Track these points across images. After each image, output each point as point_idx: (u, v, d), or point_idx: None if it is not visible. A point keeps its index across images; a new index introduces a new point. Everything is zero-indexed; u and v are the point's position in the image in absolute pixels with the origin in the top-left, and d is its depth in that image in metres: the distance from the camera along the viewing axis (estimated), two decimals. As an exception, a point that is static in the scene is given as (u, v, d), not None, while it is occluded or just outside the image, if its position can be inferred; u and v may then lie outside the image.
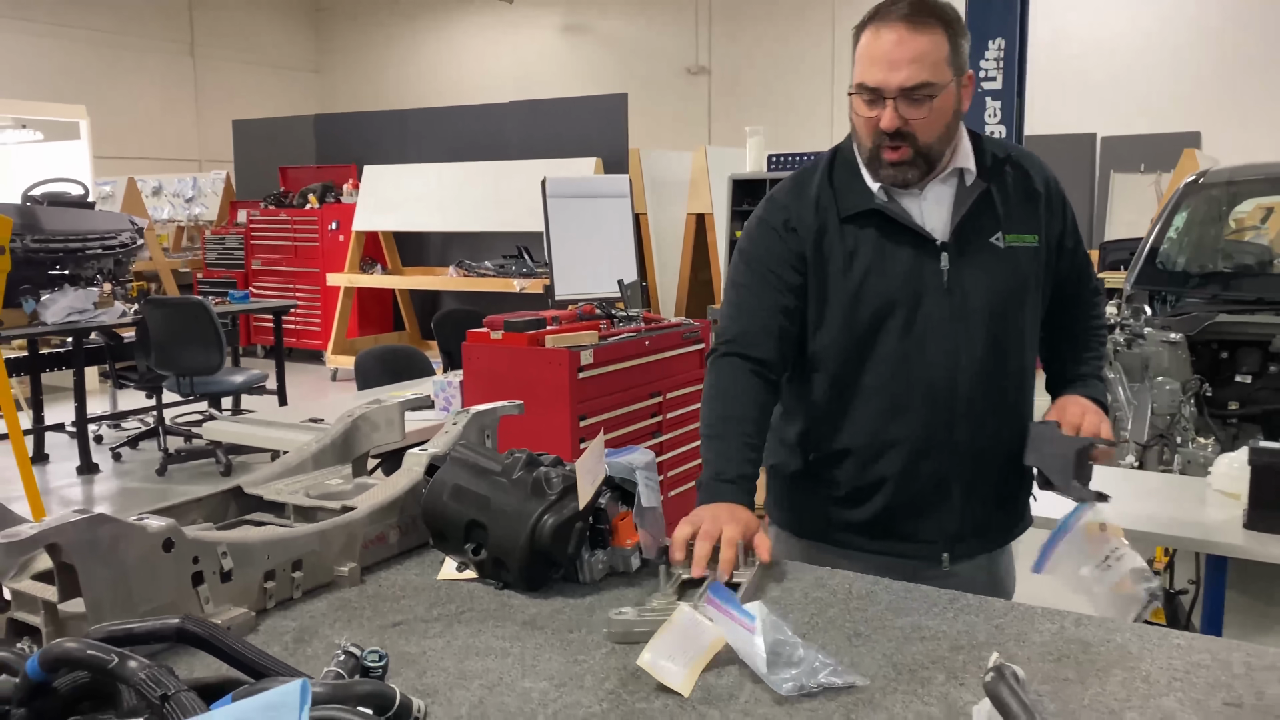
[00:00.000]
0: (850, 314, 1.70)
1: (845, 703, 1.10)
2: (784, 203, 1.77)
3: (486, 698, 1.11)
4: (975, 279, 1.67)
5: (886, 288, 1.67)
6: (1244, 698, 1.10)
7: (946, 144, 1.66)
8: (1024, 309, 1.72)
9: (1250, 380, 3.88)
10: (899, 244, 1.68)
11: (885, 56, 1.58)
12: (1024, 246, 1.70)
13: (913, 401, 1.69)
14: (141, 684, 0.80)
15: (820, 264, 1.71)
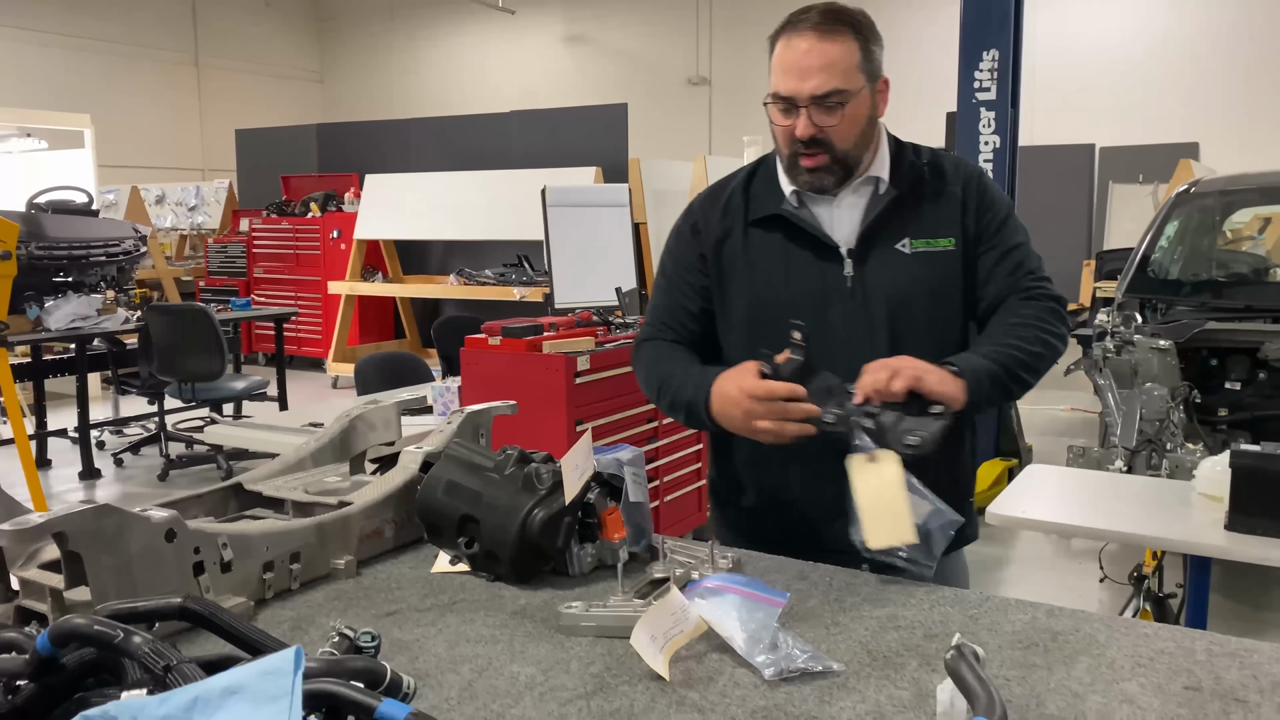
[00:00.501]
0: (754, 318, 1.71)
1: (821, 686, 1.14)
2: (696, 207, 1.81)
3: (475, 681, 1.16)
4: (879, 285, 1.66)
5: (789, 294, 1.68)
6: (1203, 682, 1.15)
7: (863, 149, 1.68)
8: (936, 313, 1.68)
9: (1239, 387, 3.92)
10: (803, 250, 1.69)
11: (796, 65, 1.60)
12: (936, 250, 1.68)
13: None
14: (145, 656, 0.84)
15: (721, 268, 1.74)
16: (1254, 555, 2.26)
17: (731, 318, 1.75)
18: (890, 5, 14.13)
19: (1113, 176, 11.90)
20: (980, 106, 5.45)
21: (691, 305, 1.78)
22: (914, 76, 13.50)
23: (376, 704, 0.83)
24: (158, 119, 16.04)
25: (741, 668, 1.18)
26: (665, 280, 1.82)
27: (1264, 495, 2.29)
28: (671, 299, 1.80)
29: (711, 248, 1.75)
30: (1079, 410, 7.63)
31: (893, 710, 1.09)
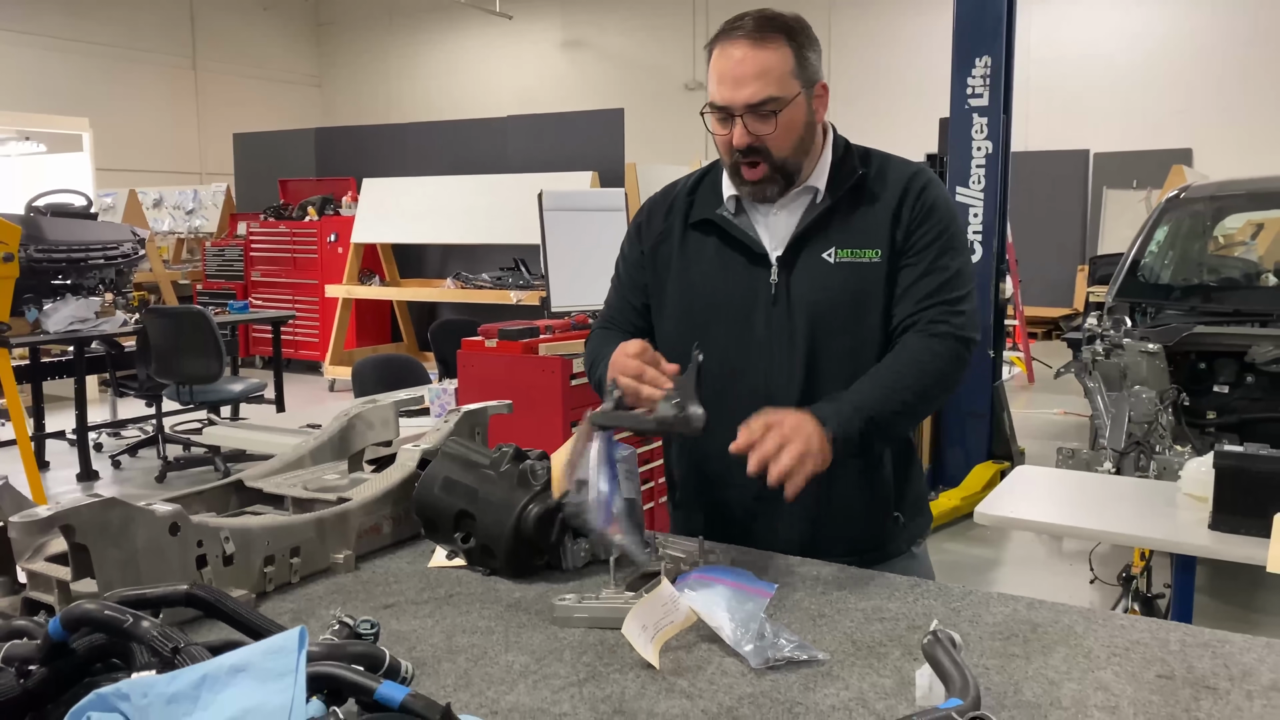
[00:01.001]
0: (683, 318, 1.74)
1: (806, 675, 1.18)
2: (645, 208, 1.86)
3: (471, 669, 1.20)
4: (801, 293, 1.66)
5: (718, 298, 1.71)
6: (1176, 671, 1.19)
7: (803, 155, 1.67)
8: (856, 324, 1.66)
9: (1227, 390, 3.97)
10: (736, 256, 1.71)
11: (730, 74, 1.60)
12: (859, 261, 1.65)
13: (738, 411, 1.57)
14: (154, 640, 0.88)
15: (657, 268, 1.78)
16: (1237, 554, 2.31)
17: (664, 317, 1.79)
18: (889, 10, 14.21)
19: (1107, 182, 11.96)
20: (973, 112, 5.51)
21: (636, 302, 1.83)
22: (913, 80, 13.59)
23: (376, 685, 0.86)
24: (156, 123, 16.08)
25: (729, 656, 1.22)
26: (617, 277, 1.88)
27: (1247, 495, 2.33)
28: (620, 296, 1.86)
29: (651, 247, 1.79)
30: (1072, 414, 7.67)
31: (875, 697, 1.13)
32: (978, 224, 5.60)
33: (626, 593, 1.36)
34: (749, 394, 1.65)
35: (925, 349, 1.62)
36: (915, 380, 1.61)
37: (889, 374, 1.61)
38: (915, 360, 1.62)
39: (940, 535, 5.11)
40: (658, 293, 1.79)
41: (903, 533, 1.75)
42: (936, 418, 5.84)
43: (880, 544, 1.68)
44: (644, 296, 1.82)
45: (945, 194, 1.73)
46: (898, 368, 1.62)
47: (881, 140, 1.99)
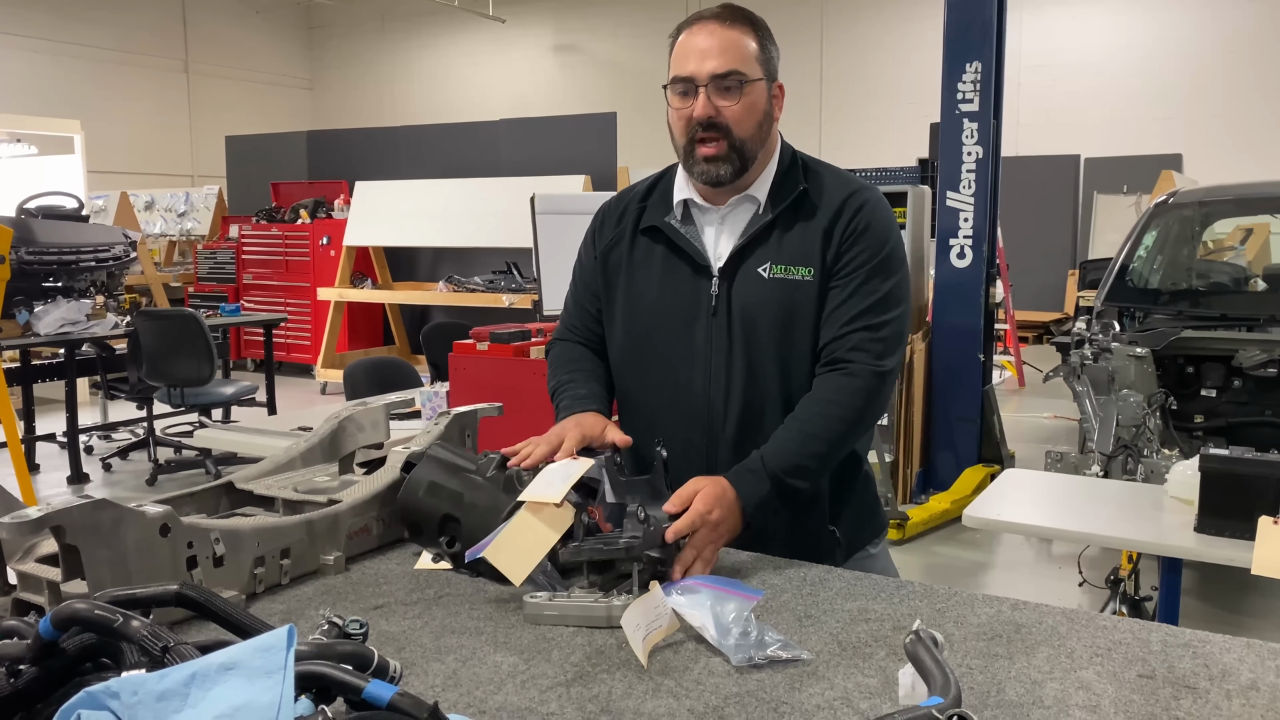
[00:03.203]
0: (629, 325, 1.78)
1: (791, 674, 1.19)
2: (601, 212, 1.88)
3: (460, 669, 1.20)
4: (740, 306, 1.68)
5: (662, 305, 1.73)
6: (1157, 670, 1.20)
7: (759, 144, 1.68)
8: (785, 339, 1.68)
9: (1215, 394, 4.00)
10: (681, 264, 1.73)
11: (696, 48, 1.63)
12: (792, 279, 1.67)
13: (672, 419, 1.71)
14: (144, 639, 0.89)
15: (607, 274, 1.81)
16: (1222, 556, 2.33)
17: (614, 324, 1.81)
18: (880, 15, 14.26)
19: (1097, 187, 12.03)
20: (963, 117, 5.54)
21: (591, 308, 1.86)
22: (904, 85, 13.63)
23: (364, 684, 0.87)
24: (148, 125, 16.05)
25: (716, 656, 1.23)
26: (574, 284, 1.91)
27: (1232, 498, 2.35)
28: (577, 302, 1.89)
29: (603, 252, 1.82)
30: (1062, 418, 7.70)
31: (859, 696, 1.14)
32: (968, 229, 5.63)
33: (598, 593, 1.38)
34: (688, 402, 1.72)
35: (838, 392, 1.64)
36: (826, 429, 1.63)
37: (802, 427, 1.63)
38: (826, 408, 1.64)
39: (930, 538, 5.13)
40: (608, 299, 1.82)
41: (840, 545, 1.75)
42: (927, 422, 5.87)
43: (816, 555, 1.63)
44: (597, 303, 1.84)
45: (883, 215, 1.71)
46: (810, 418, 1.63)
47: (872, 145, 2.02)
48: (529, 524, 1.41)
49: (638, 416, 1.81)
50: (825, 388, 1.66)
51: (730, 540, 1.55)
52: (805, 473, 1.62)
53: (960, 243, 5.65)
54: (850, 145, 13.73)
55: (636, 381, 1.80)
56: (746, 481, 1.57)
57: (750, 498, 1.56)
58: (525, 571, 1.37)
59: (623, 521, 1.46)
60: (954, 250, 5.68)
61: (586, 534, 1.43)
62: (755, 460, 1.60)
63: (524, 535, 1.40)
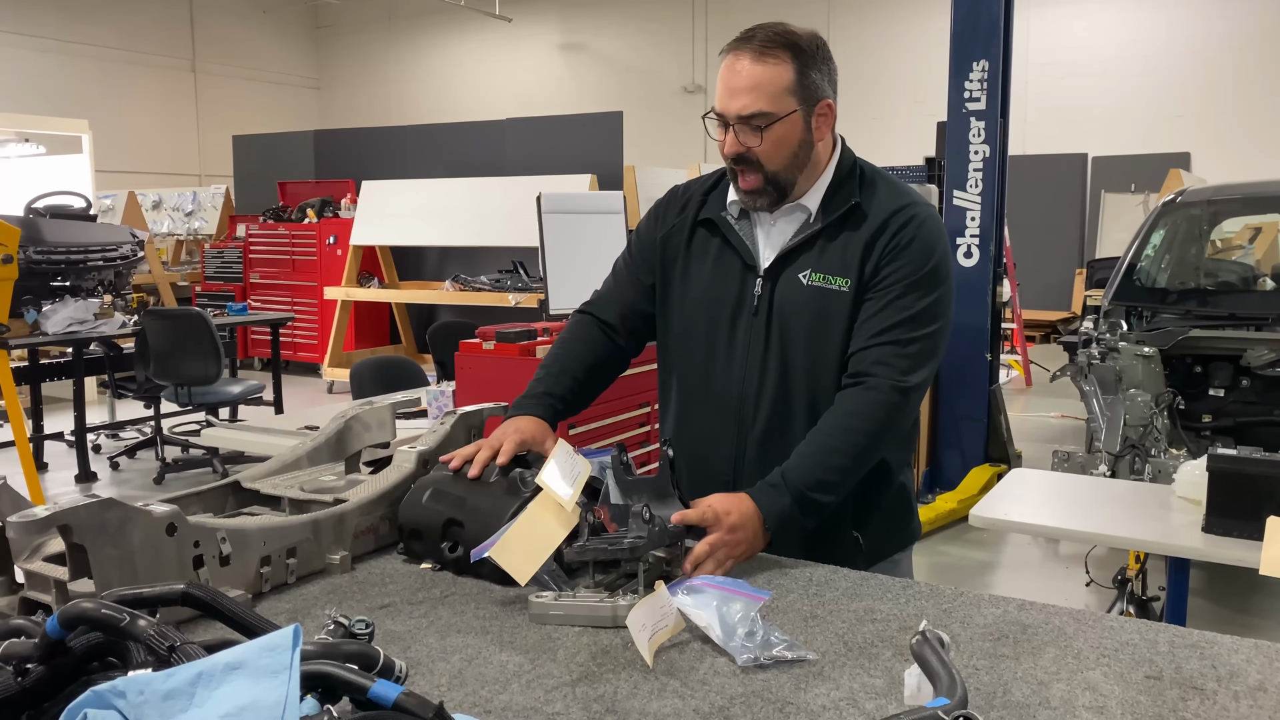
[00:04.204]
0: (679, 315, 1.83)
1: (797, 675, 1.19)
2: (667, 196, 1.92)
3: (465, 669, 1.21)
4: (780, 309, 1.72)
5: (709, 298, 1.78)
6: (1164, 671, 1.20)
7: (797, 171, 1.70)
8: (817, 345, 1.71)
9: (1223, 394, 3.98)
10: (732, 260, 1.77)
11: (728, 84, 1.66)
12: (829, 288, 1.69)
13: (705, 409, 1.79)
14: (150, 639, 0.89)
15: (665, 258, 1.85)
16: (1229, 556, 2.32)
17: (666, 306, 1.85)
18: (887, 14, 14.24)
19: (1105, 186, 11.98)
20: (970, 116, 5.53)
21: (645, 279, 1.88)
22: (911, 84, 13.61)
23: (370, 684, 0.87)
24: (155, 125, 16.09)
25: (722, 656, 1.23)
26: (628, 254, 1.94)
27: (1240, 498, 2.34)
28: (629, 271, 1.91)
29: (664, 235, 1.85)
30: (1068, 417, 7.68)
31: (865, 696, 1.14)
32: (975, 228, 5.62)
33: (603, 592, 1.37)
34: (722, 394, 1.77)
35: (859, 405, 1.65)
36: (847, 442, 1.63)
37: (823, 441, 1.64)
38: (847, 421, 1.65)
39: (937, 538, 5.13)
40: (664, 283, 1.85)
41: (862, 551, 1.75)
42: (934, 421, 5.86)
43: (836, 559, 1.62)
44: (651, 276, 1.87)
45: (930, 230, 1.71)
46: (831, 432, 1.65)
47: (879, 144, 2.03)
48: (534, 524, 1.41)
49: (680, 403, 1.86)
50: (846, 402, 1.67)
51: (751, 555, 1.56)
52: (827, 487, 1.62)
53: (967, 242, 5.64)
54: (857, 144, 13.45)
55: (682, 368, 1.85)
56: (767, 495, 1.58)
57: (771, 510, 1.57)
58: (530, 571, 1.37)
59: (628, 521, 1.46)
60: (961, 249, 5.66)
61: (591, 534, 1.43)
62: (776, 475, 1.61)
63: (529, 535, 1.40)
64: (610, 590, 1.39)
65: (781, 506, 1.57)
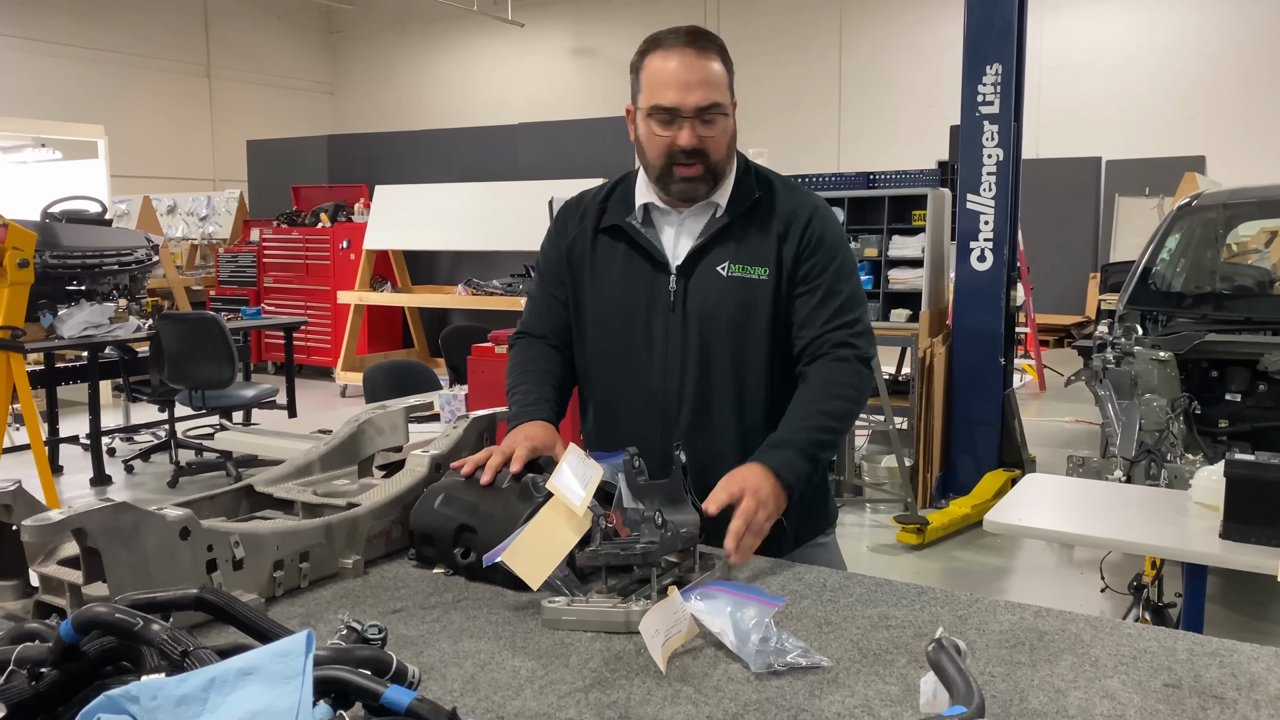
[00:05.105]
0: (593, 321, 1.88)
1: (811, 681, 1.18)
2: (561, 211, 1.97)
3: (478, 674, 1.20)
4: (698, 302, 1.78)
5: (623, 301, 1.83)
6: (1183, 680, 1.18)
7: (730, 163, 1.80)
8: (742, 334, 1.78)
9: (1239, 399, 3.95)
10: (641, 262, 1.82)
11: (678, 79, 1.69)
12: (749, 278, 1.77)
13: (633, 408, 1.83)
14: (164, 643, 0.89)
15: (571, 270, 1.89)
16: (1248, 563, 2.29)
17: (580, 316, 1.90)
18: (899, 17, 14.20)
19: (1119, 189, 11.93)
20: (983, 120, 5.51)
21: (560, 295, 1.92)
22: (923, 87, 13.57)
23: (383, 690, 0.87)
24: (170, 130, 16.18)
25: (735, 663, 1.22)
26: (540, 277, 1.98)
27: (1258, 504, 2.32)
28: (545, 293, 1.95)
29: (566, 247, 1.90)
30: (1083, 422, 7.64)
31: (880, 704, 1.13)
32: (989, 231, 5.59)
33: (616, 597, 1.37)
34: (647, 392, 1.82)
35: (835, 375, 1.75)
36: (831, 406, 1.73)
37: (809, 405, 1.73)
38: (829, 389, 1.74)
39: (950, 543, 5.10)
40: (575, 294, 1.90)
41: (786, 534, 1.78)
42: (947, 426, 5.83)
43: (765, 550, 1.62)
44: (564, 291, 1.92)
45: (834, 223, 1.84)
46: (814, 398, 1.74)
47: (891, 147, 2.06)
48: (546, 529, 1.41)
49: (600, 405, 1.91)
50: (822, 373, 1.76)
51: (778, 513, 1.58)
52: (823, 442, 1.70)
53: (981, 245, 5.62)
54: (869, 148, 13.69)
55: (601, 372, 1.89)
56: (772, 455, 1.64)
57: (779, 465, 1.61)
58: (543, 576, 1.37)
59: (640, 526, 1.45)
60: (974, 253, 5.64)
61: (604, 538, 1.43)
62: (774, 438, 1.68)
63: (541, 540, 1.40)
64: (623, 595, 1.38)
65: (787, 459, 1.63)
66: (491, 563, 1.41)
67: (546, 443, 1.67)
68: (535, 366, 1.90)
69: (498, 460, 1.60)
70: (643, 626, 1.24)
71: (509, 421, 1.80)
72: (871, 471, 5.82)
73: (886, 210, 6.40)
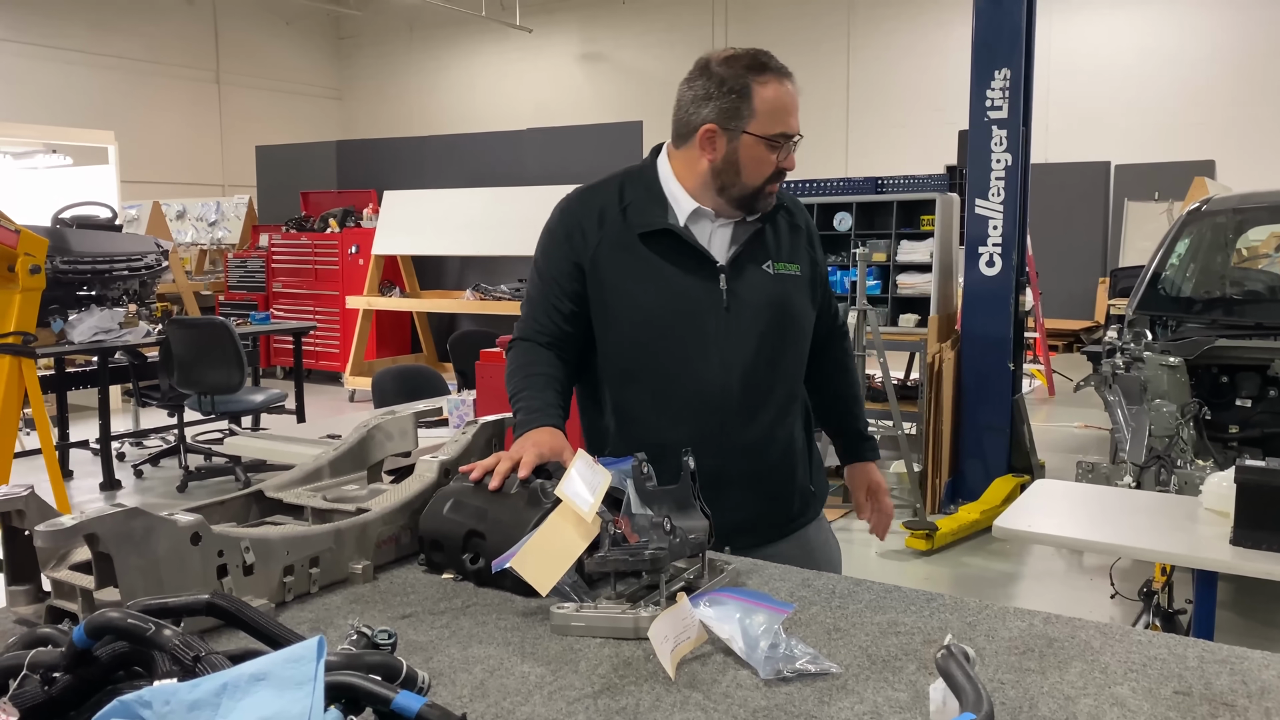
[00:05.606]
0: (635, 322, 1.90)
1: (820, 688, 1.18)
2: (571, 210, 1.97)
3: (487, 680, 1.20)
4: (748, 298, 1.89)
5: (678, 303, 1.88)
6: (1194, 687, 1.18)
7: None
8: (793, 325, 1.96)
9: (1250, 404, 3.94)
10: (690, 263, 1.89)
11: (792, 108, 1.85)
12: (789, 274, 1.95)
13: (689, 405, 1.89)
14: (175, 648, 0.89)
15: (599, 274, 1.90)
16: (1259, 570, 2.29)
17: (616, 323, 1.91)
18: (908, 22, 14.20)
19: (1128, 194, 11.90)
20: (992, 125, 5.50)
21: (563, 307, 1.92)
22: (932, 92, 13.56)
23: (393, 695, 0.87)
24: (180, 135, 16.27)
25: (744, 669, 1.22)
26: (540, 279, 1.97)
27: (1269, 510, 2.31)
28: (547, 301, 1.94)
29: (590, 257, 1.90)
30: (1092, 427, 7.61)
31: (890, 710, 1.12)
32: (997, 236, 5.59)
33: (625, 603, 1.37)
34: (696, 389, 1.89)
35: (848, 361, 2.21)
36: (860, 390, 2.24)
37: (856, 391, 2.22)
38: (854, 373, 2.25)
39: (959, 549, 5.09)
40: (608, 301, 1.90)
41: (814, 500, 2.07)
42: (956, 431, 5.82)
43: (802, 512, 2.02)
44: (572, 304, 1.92)
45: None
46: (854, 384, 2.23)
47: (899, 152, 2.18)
48: (555, 534, 1.41)
49: (650, 403, 1.92)
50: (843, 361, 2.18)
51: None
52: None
53: (989, 250, 5.61)
54: (877, 153, 13.68)
55: (646, 372, 1.91)
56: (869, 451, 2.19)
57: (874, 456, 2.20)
58: (552, 581, 1.37)
59: (649, 532, 1.46)
60: (983, 258, 5.63)
61: (612, 544, 1.43)
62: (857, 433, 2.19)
63: (550, 546, 1.40)
64: (632, 601, 1.38)
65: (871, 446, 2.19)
66: (500, 568, 1.42)
67: (555, 448, 1.68)
68: (538, 371, 1.90)
69: (506, 466, 1.61)
70: (651, 632, 1.24)
71: (515, 429, 1.81)
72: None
73: (895, 215, 6.40)
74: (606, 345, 1.93)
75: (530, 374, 1.89)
